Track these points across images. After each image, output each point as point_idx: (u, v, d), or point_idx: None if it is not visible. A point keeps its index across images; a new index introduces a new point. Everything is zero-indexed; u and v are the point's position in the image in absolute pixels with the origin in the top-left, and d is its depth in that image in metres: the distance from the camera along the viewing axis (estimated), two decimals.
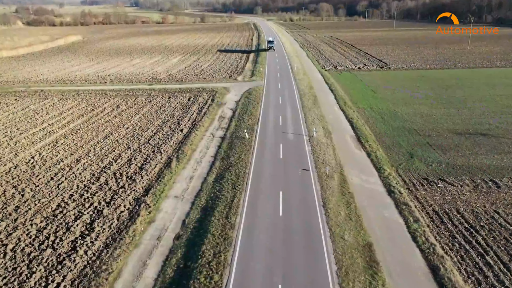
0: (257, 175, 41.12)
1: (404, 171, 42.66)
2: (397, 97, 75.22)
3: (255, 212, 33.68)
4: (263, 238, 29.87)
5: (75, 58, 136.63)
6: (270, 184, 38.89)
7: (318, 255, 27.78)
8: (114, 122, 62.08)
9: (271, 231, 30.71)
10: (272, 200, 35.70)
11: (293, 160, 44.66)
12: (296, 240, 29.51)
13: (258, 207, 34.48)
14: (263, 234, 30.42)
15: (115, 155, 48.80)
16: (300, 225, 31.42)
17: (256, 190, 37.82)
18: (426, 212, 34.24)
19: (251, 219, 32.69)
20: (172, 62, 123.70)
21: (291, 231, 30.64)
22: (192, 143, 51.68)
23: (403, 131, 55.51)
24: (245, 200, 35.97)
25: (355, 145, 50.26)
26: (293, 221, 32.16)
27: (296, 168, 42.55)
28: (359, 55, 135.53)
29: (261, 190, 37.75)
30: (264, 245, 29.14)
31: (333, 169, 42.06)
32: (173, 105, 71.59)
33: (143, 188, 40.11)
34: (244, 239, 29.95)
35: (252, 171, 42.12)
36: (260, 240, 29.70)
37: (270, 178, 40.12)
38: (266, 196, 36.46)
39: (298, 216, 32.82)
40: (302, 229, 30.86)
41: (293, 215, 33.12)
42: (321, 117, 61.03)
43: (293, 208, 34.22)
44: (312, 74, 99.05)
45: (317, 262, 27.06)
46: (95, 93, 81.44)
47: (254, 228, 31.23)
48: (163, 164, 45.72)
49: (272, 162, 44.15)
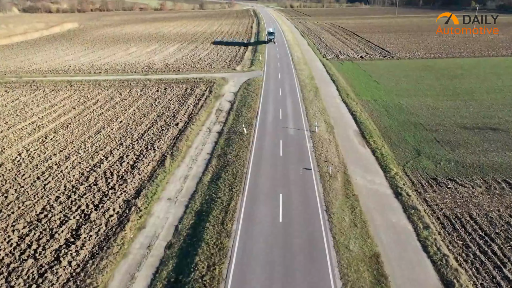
0: (255, 175, 38.70)
1: (411, 170, 40.24)
2: (402, 88, 72.49)
3: (253, 218, 31.33)
4: (261, 249, 27.55)
5: (70, 47, 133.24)
6: (269, 185, 36.49)
7: (321, 269, 25.49)
8: (107, 116, 59.47)
9: (270, 240, 28.38)
10: (271, 203, 33.33)
11: (294, 158, 42.19)
12: (297, 252, 27.21)
13: (256, 212, 32.12)
14: (261, 243, 28.09)
15: (106, 152, 46.33)
16: (301, 233, 29.09)
17: (254, 192, 35.43)
18: (437, 217, 31.90)
19: (249, 226, 30.35)
20: (170, 51, 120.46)
21: (291, 241, 28.32)
22: (188, 138, 49.17)
23: (408, 126, 52.95)
24: (242, 203, 33.60)
25: (359, 141, 47.74)
26: (294, 228, 29.82)
27: (297, 167, 40.11)
28: (361, 43, 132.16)
29: (259, 192, 35.36)
30: (262, 257, 26.84)
31: (336, 168, 39.63)
32: (169, 97, 68.87)
33: (134, 189, 37.74)
34: (241, 249, 27.64)
35: (250, 170, 39.69)
36: (258, 251, 27.39)
37: (269, 179, 37.70)
38: (265, 199, 34.08)
39: (299, 223, 30.47)
40: (304, 238, 28.54)
41: (294, 221, 30.78)
42: (323, 110, 58.39)
43: (294, 213, 31.86)
44: (313, 63, 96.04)
45: (321, 278, 24.76)
46: (88, 84, 78.62)
47: (252, 237, 28.90)
48: (156, 162, 43.28)
49: (271, 160, 41.69)
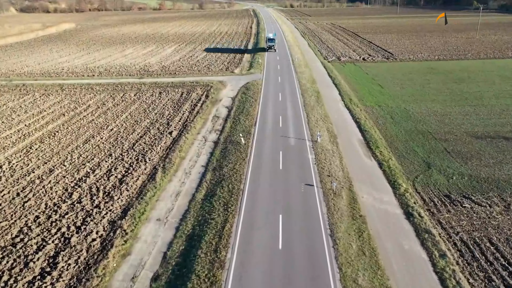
0: (253, 192, 35.58)
1: (422, 186, 37.12)
2: (407, 93, 69.37)
3: (250, 244, 28.20)
4: (259, 283, 24.39)
5: (64, 48, 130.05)
6: (268, 204, 33.36)
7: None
8: (97, 123, 56.33)
9: (269, 273, 25.25)
10: (270, 227, 30.21)
11: (295, 172, 39.07)
12: (299, 287, 24.05)
13: (253, 237, 29.00)
14: (259, 277, 24.96)
15: (93, 164, 43.20)
16: (304, 264, 25.97)
17: (251, 212, 32.31)
18: (453, 242, 28.78)
19: (245, 254, 27.22)
20: (167, 53, 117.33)
21: (293, 273, 25.17)
22: (182, 149, 46.05)
23: (416, 135, 49.84)
24: (238, 226, 30.47)
25: (364, 152, 44.62)
26: (295, 257, 26.70)
27: (298, 182, 36.99)
28: (363, 44, 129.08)
29: (257, 212, 32.23)
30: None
31: (341, 184, 36.49)
32: (163, 102, 65.73)
33: (121, 207, 34.62)
34: (236, 283, 24.48)
35: (247, 186, 36.55)
36: (255, 285, 24.22)
37: (268, 196, 34.57)
38: (263, 221, 30.95)
39: (301, 251, 27.35)
40: (307, 270, 25.41)
41: (295, 248, 27.66)
42: (325, 117, 55.26)
43: (295, 238, 28.73)
44: (314, 66, 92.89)
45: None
46: (80, 88, 75.50)
47: (248, 268, 25.77)
48: (146, 176, 40.15)
49: (270, 175, 38.56)
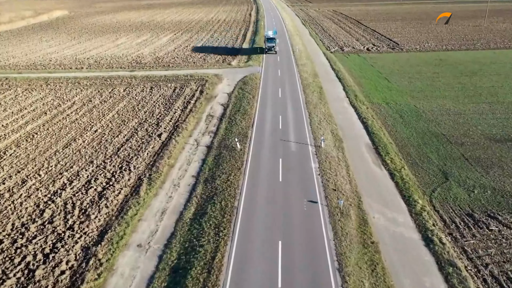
0: (248, 211, 31.19)
1: (440, 202, 32.72)
2: (416, 88, 64.56)
3: (244, 282, 23.83)
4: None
5: (55, 37, 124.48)
6: (266, 228, 29.00)
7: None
8: (81, 123, 51.71)
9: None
10: (267, 257, 25.89)
11: (296, 185, 34.64)
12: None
13: (247, 272, 24.69)
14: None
15: (72, 173, 38.74)
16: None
17: (246, 238, 27.98)
18: (483, 279, 24.45)
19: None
20: (161, 42, 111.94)
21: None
22: (171, 155, 41.55)
23: (429, 137, 45.29)
24: (230, 257, 26.16)
25: (373, 159, 40.11)
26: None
27: (300, 198, 32.58)
28: (367, 33, 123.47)
29: (253, 238, 27.88)
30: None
31: (349, 201, 32.07)
32: (154, 98, 60.98)
33: (98, 229, 30.27)
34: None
35: (242, 203, 32.16)
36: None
37: (265, 217, 30.20)
38: (260, 251, 26.61)
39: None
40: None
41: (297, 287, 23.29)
42: (329, 118, 50.60)
43: (296, 273, 24.44)
44: (316, 57, 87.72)
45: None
46: (66, 82, 70.63)
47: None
48: (130, 189, 35.71)
49: (269, 189, 34.13)
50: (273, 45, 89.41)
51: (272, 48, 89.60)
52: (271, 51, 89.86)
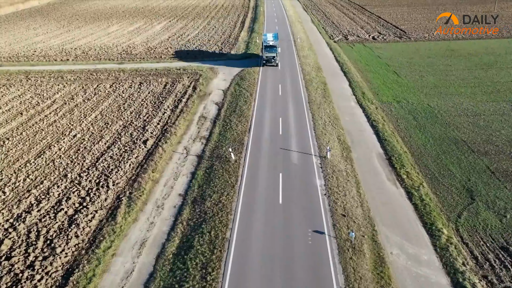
0: (242, 245, 26.32)
1: (468, 231, 27.84)
2: (428, 84, 59.17)
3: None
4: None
5: (43, 25, 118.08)
6: (263, 269, 24.07)
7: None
8: (59, 126, 46.60)
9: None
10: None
11: (299, 209, 29.68)
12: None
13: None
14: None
15: (42, 190, 33.79)
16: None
17: (239, 284, 23.00)
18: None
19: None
20: (155, 30, 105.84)
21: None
22: (156, 167, 36.53)
23: (448, 145, 40.21)
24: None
25: (387, 173, 35.06)
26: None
27: (303, 227, 27.68)
28: (371, 20, 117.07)
29: (248, 284, 22.91)
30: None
31: (361, 231, 27.14)
32: (143, 96, 55.66)
33: (63, 267, 25.46)
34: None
35: (235, 235, 27.23)
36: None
37: (263, 254, 25.35)
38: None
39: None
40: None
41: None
42: (335, 120, 45.40)
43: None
44: (319, 48, 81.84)
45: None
46: (49, 77, 65.18)
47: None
48: (106, 212, 30.79)
49: (267, 215, 29.19)
50: (273, 56, 67.19)
51: (272, 59, 67.43)
52: (271, 64, 67.95)
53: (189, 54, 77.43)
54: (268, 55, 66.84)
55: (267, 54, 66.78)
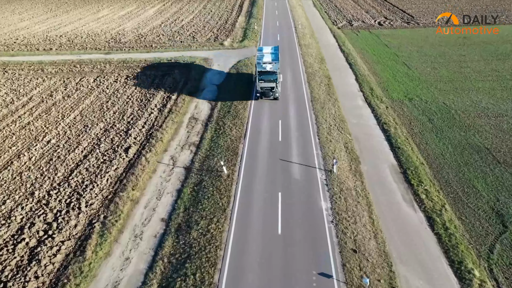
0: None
1: (503, 272, 23.27)
2: (442, 77, 53.89)
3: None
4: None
5: (30, 9, 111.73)
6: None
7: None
8: (33, 129, 41.66)
9: None
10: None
11: (301, 243, 25.03)
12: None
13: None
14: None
15: (2, 213, 29.01)
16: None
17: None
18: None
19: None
20: (147, 14, 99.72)
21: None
22: (137, 183, 31.76)
23: (470, 154, 35.34)
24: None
25: (403, 192, 30.26)
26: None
27: (307, 269, 22.96)
28: (376, 3, 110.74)
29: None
30: None
31: (376, 273, 22.48)
32: (129, 92, 50.52)
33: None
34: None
35: (225, 279, 22.57)
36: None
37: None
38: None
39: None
40: None
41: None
42: (341, 123, 40.41)
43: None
44: (322, 35, 76.01)
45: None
46: (28, 69, 59.84)
47: None
48: (74, 243, 26.17)
49: (263, 250, 24.54)
50: (271, 87, 45.06)
51: (271, 92, 45.38)
52: (267, 97, 45.95)
53: (182, 43, 71.75)
54: (264, 86, 45.00)
55: (262, 85, 44.95)
